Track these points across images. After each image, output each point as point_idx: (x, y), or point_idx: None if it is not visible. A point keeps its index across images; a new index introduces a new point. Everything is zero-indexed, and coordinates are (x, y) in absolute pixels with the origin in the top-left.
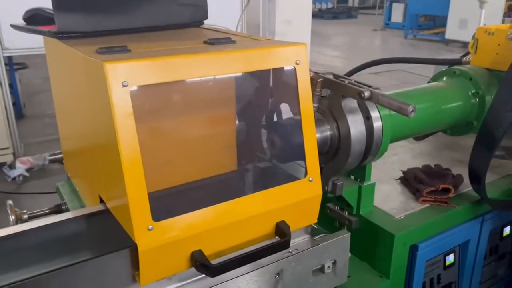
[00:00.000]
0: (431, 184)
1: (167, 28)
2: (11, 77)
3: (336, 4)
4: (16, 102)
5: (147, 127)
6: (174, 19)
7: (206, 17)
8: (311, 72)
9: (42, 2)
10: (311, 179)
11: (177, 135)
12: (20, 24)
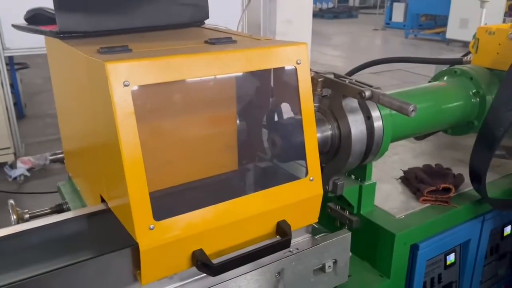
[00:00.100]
0: (432, 183)
1: (168, 28)
2: (12, 77)
3: (336, 4)
4: (17, 102)
5: (148, 127)
6: (175, 19)
7: (207, 17)
8: (312, 71)
9: (44, 2)
10: (312, 178)
11: (178, 134)
12: (22, 24)
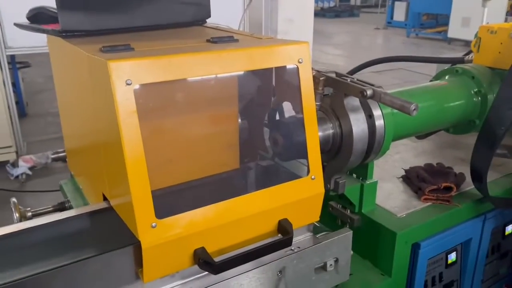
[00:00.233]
0: (433, 182)
1: (170, 26)
2: (14, 76)
3: (338, 3)
4: (19, 100)
5: (150, 125)
6: (177, 17)
7: (208, 15)
8: (314, 70)
9: (46, 1)
10: (313, 177)
11: (180, 133)
12: (24, 23)
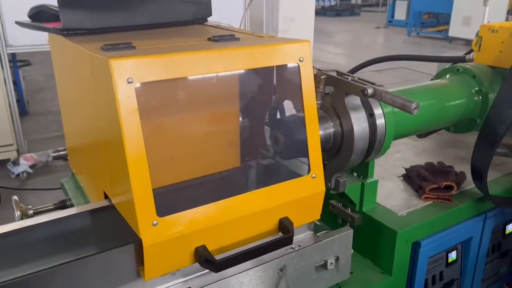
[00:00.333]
0: (434, 181)
1: (171, 25)
2: (15, 74)
3: (339, 2)
4: (19, 99)
5: (152, 124)
6: (178, 16)
7: (210, 14)
8: (315, 69)
9: None
10: (314, 175)
11: (181, 131)
12: (25, 21)
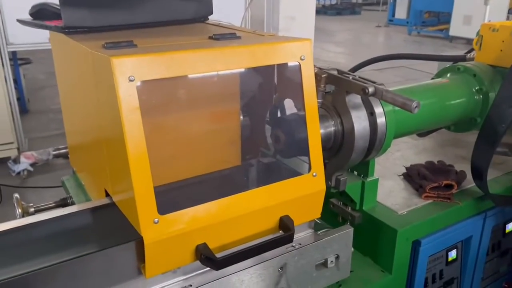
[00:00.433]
0: (434, 180)
1: (172, 23)
2: (15, 72)
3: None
4: (20, 97)
5: (153, 122)
6: (179, 14)
7: (210, 12)
8: (316, 68)
9: None
10: (315, 174)
11: (182, 129)
12: (27, 19)
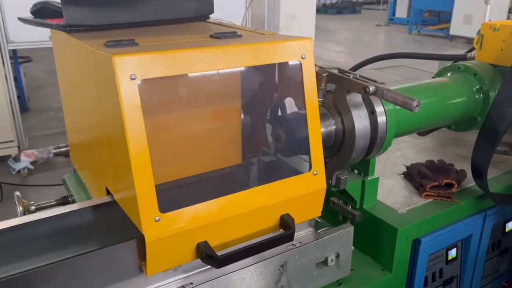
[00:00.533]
0: (435, 179)
1: (173, 22)
2: (15, 70)
3: None
4: (20, 95)
5: (154, 120)
6: (180, 13)
7: (211, 11)
8: (316, 66)
9: None
10: (315, 172)
11: (183, 128)
12: (28, 17)
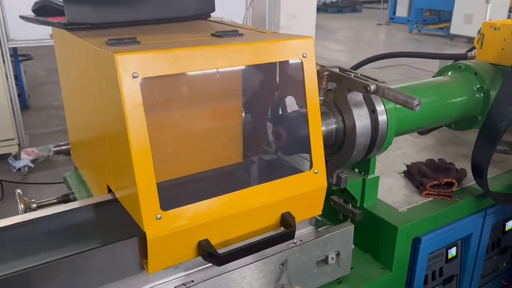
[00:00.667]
0: (435, 178)
1: (175, 20)
2: (16, 68)
3: None
4: (21, 93)
5: (156, 118)
6: (182, 11)
7: (213, 9)
8: (317, 65)
9: None
10: (316, 171)
11: (184, 126)
12: (29, 15)
